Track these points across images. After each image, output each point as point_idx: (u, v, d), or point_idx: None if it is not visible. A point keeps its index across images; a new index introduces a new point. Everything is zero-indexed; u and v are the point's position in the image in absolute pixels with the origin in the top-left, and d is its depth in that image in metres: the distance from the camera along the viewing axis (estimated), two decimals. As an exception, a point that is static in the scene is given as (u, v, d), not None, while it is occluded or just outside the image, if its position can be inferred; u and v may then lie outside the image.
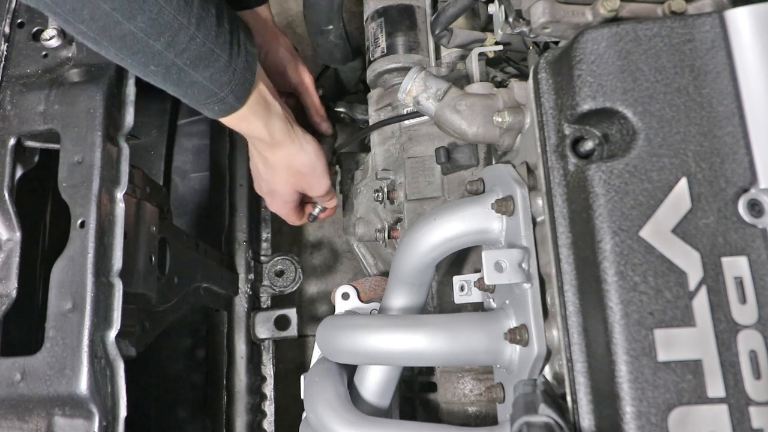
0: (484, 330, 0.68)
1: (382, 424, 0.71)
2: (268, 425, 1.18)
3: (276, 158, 0.89)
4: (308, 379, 0.79)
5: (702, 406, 0.50)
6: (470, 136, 0.72)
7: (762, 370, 0.51)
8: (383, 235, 0.99)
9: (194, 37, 0.68)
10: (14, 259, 0.77)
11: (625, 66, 0.57)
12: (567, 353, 0.58)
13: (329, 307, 1.37)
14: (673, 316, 0.52)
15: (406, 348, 0.70)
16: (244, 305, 1.18)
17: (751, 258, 0.53)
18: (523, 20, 0.68)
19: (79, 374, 0.67)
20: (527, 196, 0.66)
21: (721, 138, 0.55)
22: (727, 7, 0.65)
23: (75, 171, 0.74)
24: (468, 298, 0.81)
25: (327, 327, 0.78)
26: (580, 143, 0.60)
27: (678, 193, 0.54)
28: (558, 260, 0.60)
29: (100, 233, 0.72)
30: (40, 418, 0.69)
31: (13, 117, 0.79)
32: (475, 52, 0.91)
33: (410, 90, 0.75)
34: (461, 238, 0.71)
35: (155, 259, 0.84)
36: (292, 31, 1.74)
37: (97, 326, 0.69)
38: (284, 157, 0.89)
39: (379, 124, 0.99)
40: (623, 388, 0.51)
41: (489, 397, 0.71)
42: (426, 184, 0.96)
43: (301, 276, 1.21)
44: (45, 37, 0.84)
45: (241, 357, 1.15)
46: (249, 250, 1.21)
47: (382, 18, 1.03)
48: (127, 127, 0.81)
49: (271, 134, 0.84)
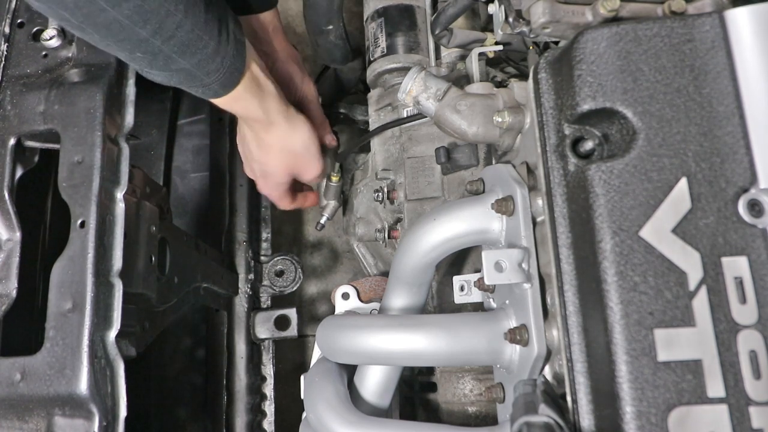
0: (484, 330, 0.68)
1: (382, 424, 0.71)
2: (268, 425, 1.18)
3: (271, 138, 0.89)
4: (308, 379, 0.79)
5: (702, 406, 0.50)
6: (470, 136, 0.72)
7: (762, 370, 0.51)
8: (383, 235, 0.99)
9: (182, 24, 0.66)
10: (14, 259, 0.77)
11: (625, 66, 0.57)
12: (567, 353, 0.58)
13: (329, 307, 1.37)
14: (673, 316, 0.52)
15: (406, 348, 0.70)
16: (244, 305, 1.18)
17: (751, 258, 0.53)
18: (523, 20, 0.68)
19: (79, 374, 0.67)
20: (527, 196, 0.66)
21: (721, 138, 0.55)
22: (727, 7, 0.65)
23: (75, 171, 0.74)
24: (468, 298, 0.81)
25: (327, 327, 0.78)
26: (580, 143, 0.60)
27: (678, 193, 0.54)
28: (558, 260, 0.60)
29: (100, 233, 0.72)
30: (40, 418, 0.69)
31: (13, 117, 0.79)
32: (475, 52, 0.91)
33: (410, 90, 0.75)
34: (461, 238, 0.71)
35: (155, 259, 0.84)
36: (292, 31, 1.74)
37: (97, 326, 0.69)
38: (279, 137, 0.89)
39: (381, 128, 0.99)
40: (623, 388, 0.51)
41: (489, 397, 0.71)
42: (426, 184, 0.96)
43: (301, 276, 1.21)
44: (45, 37, 0.84)
45: (241, 357, 1.15)
46: (249, 250, 1.21)
47: (382, 18, 1.03)
48: (127, 127, 0.81)
49: (266, 113, 0.84)
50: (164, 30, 0.65)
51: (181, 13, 0.66)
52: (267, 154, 0.92)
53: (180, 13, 0.66)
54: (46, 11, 0.63)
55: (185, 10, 0.66)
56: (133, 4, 0.62)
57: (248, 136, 0.92)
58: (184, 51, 0.69)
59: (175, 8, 0.65)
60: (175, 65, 0.70)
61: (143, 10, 0.63)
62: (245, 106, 0.82)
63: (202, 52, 0.70)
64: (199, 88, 0.75)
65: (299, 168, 0.95)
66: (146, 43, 0.66)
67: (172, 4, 0.65)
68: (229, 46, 0.73)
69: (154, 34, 0.65)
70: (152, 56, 0.68)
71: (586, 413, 0.56)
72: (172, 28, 0.66)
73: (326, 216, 1.07)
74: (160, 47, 0.67)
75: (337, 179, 1.05)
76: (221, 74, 0.74)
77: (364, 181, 1.06)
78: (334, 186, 1.06)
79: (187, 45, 0.68)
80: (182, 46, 0.68)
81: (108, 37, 0.65)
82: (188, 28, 0.67)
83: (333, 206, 1.08)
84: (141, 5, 0.62)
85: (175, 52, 0.68)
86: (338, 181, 1.05)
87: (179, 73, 0.72)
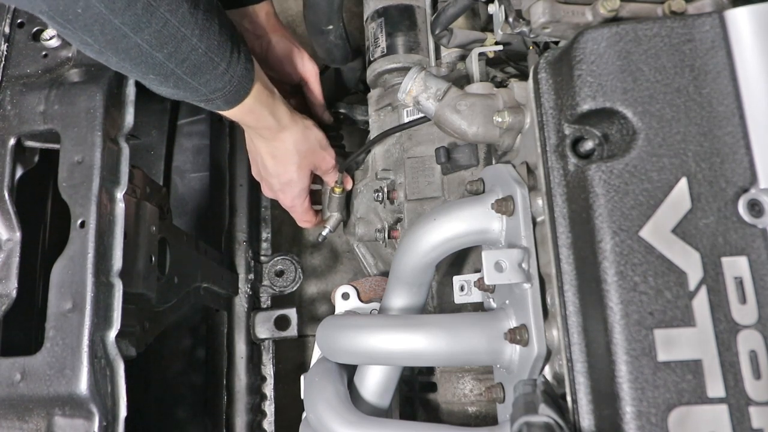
0: (484, 330, 0.68)
1: (382, 424, 0.71)
2: (268, 425, 1.18)
3: (285, 144, 0.92)
4: (308, 379, 0.79)
5: (702, 406, 0.50)
6: (470, 136, 0.72)
7: (762, 370, 0.51)
8: (383, 235, 0.99)
9: (196, 47, 0.69)
10: (14, 259, 0.77)
11: (625, 66, 0.57)
12: (567, 353, 0.58)
13: (329, 307, 1.37)
14: (673, 316, 0.52)
15: (406, 348, 0.70)
16: (244, 305, 1.18)
17: (751, 258, 0.53)
18: (523, 20, 0.68)
19: (79, 374, 0.67)
20: (527, 196, 0.66)
21: (721, 138, 0.55)
22: (727, 7, 0.65)
23: (75, 171, 0.74)
24: (468, 298, 0.81)
25: (327, 327, 0.78)
26: (580, 143, 0.60)
27: (678, 193, 0.54)
28: (558, 260, 0.60)
29: (100, 233, 0.72)
30: (40, 418, 0.69)
31: (13, 117, 0.79)
32: (475, 52, 0.91)
33: (410, 90, 0.75)
34: (461, 238, 0.71)
35: (155, 259, 0.84)
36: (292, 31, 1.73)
37: (97, 326, 0.69)
38: (292, 140, 0.92)
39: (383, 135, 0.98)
40: (623, 388, 0.51)
41: (489, 397, 0.71)
42: (426, 184, 0.96)
43: (301, 276, 1.21)
44: (45, 37, 0.84)
45: (241, 357, 1.15)
46: (249, 250, 1.21)
47: (382, 18, 1.03)
48: (127, 127, 0.81)
49: (278, 120, 0.87)
50: (179, 53, 0.68)
51: (196, 37, 0.68)
52: (284, 161, 0.95)
53: (195, 37, 0.68)
54: (70, 36, 0.64)
55: (200, 35, 0.68)
56: (153, 29, 0.64)
57: (262, 150, 0.95)
58: (195, 72, 0.71)
59: (191, 33, 0.67)
60: (184, 85, 0.72)
61: (162, 34, 0.65)
62: (257, 117, 0.85)
63: (212, 73, 0.72)
64: (204, 103, 0.77)
65: (317, 161, 0.98)
66: (161, 66, 0.68)
67: (189, 29, 0.67)
68: (238, 66, 0.75)
69: (169, 57, 0.67)
70: (164, 78, 0.70)
71: (586, 413, 0.56)
72: (186, 51, 0.68)
73: (328, 228, 1.07)
74: (174, 70, 0.69)
75: (340, 191, 1.05)
76: (226, 92, 0.76)
77: (364, 181, 1.06)
78: (338, 198, 1.06)
79: (199, 67, 0.71)
80: (194, 68, 0.70)
81: (126, 60, 0.67)
82: (202, 52, 0.69)
83: (336, 218, 1.08)
84: (161, 30, 0.64)
85: (186, 74, 0.70)
86: (341, 193, 1.05)
87: (187, 91, 0.74)
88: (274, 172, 0.96)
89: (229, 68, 0.74)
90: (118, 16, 0.61)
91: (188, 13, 0.66)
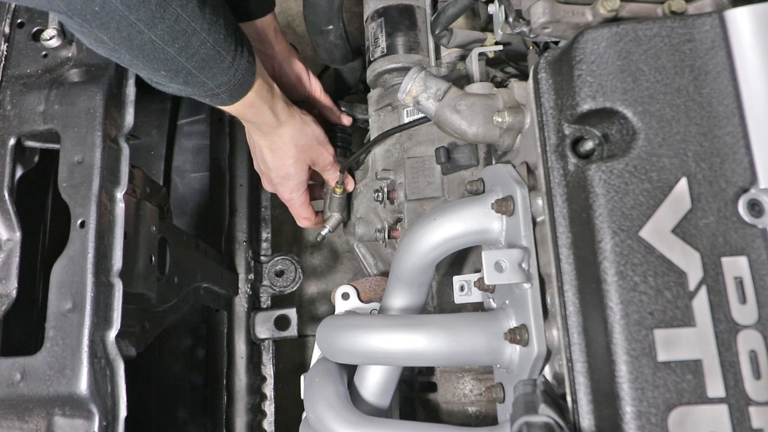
0: (484, 330, 0.68)
1: (382, 424, 0.71)
2: (268, 425, 1.18)
3: (283, 138, 0.93)
4: (308, 379, 0.79)
5: (702, 406, 0.50)
6: (470, 136, 0.72)
7: (762, 370, 0.51)
8: (383, 235, 0.99)
9: (205, 41, 0.70)
10: (14, 259, 0.77)
11: (625, 66, 0.57)
12: (567, 353, 0.58)
13: (329, 307, 1.37)
14: (673, 316, 0.52)
15: (406, 348, 0.70)
16: (244, 305, 1.17)
17: (751, 258, 0.53)
18: (523, 20, 0.68)
19: (79, 374, 0.67)
20: (527, 196, 0.66)
21: (721, 138, 0.55)
22: (727, 7, 0.65)
23: (75, 171, 0.74)
24: (468, 298, 0.81)
25: (327, 327, 0.78)
26: (580, 143, 0.60)
27: (678, 193, 0.54)
28: (558, 260, 0.60)
29: (100, 233, 0.72)
30: (40, 418, 0.69)
31: (13, 117, 0.79)
32: (475, 52, 0.91)
33: (410, 90, 0.75)
34: (461, 238, 0.71)
35: (155, 259, 0.84)
36: (292, 31, 1.74)
37: (97, 326, 0.69)
38: (290, 135, 0.93)
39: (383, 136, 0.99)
40: (623, 388, 0.51)
41: (489, 397, 0.71)
42: (426, 184, 0.96)
43: (301, 276, 1.21)
44: (45, 37, 0.84)
45: (241, 357, 1.15)
46: (249, 250, 1.21)
47: (382, 18, 1.03)
48: (127, 127, 0.81)
49: (276, 115, 0.89)
50: (190, 47, 0.69)
51: (205, 31, 0.69)
52: (282, 155, 0.96)
53: (204, 31, 0.69)
54: (86, 34, 0.65)
55: (209, 29, 0.70)
56: (166, 25, 0.65)
57: (261, 144, 0.96)
58: (204, 66, 0.72)
59: (201, 27, 0.69)
60: (193, 79, 0.73)
61: (174, 29, 0.66)
62: (257, 112, 0.86)
63: (219, 66, 0.74)
64: (209, 98, 0.78)
65: (315, 156, 0.99)
66: (172, 61, 0.70)
67: (198, 23, 0.68)
68: (242, 59, 0.77)
69: (180, 51, 0.69)
70: (174, 73, 0.72)
71: (586, 413, 0.56)
72: (196, 45, 0.70)
73: (328, 228, 1.08)
74: (184, 64, 0.71)
75: (341, 191, 1.05)
76: (231, 85, 0.77)
77: (364, 181, 1.06)
78: (338, 198, 1.06)
79: (207, 61, 0.72)
80: (202, 62, 0.72)
81: (139, 57, 0.68)
82: (210, 45, 0.71)
83: (336, 219, 1.08)
84: (173, 26, 0.66)
85: (196, 68, 0.72)
86: (342, 194, 1.06)
87: (194, 87, 0.75)
88: (273, 165, 0.98)
89: (234, 61, 0.75)
90: (134, 12, 0.62)
91: (197, 8, 0.67)
